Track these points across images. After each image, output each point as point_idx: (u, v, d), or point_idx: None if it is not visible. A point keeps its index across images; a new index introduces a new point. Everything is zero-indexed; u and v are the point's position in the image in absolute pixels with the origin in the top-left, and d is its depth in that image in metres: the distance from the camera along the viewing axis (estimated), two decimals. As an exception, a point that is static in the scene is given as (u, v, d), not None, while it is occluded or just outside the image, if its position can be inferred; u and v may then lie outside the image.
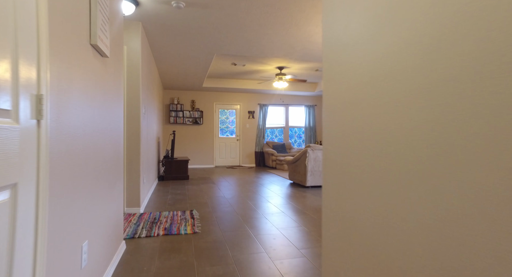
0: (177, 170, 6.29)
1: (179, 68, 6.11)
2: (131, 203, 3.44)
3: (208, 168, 8.73)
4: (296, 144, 10.06)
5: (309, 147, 5.28)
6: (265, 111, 9.47)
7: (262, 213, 3.61)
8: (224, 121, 9.36)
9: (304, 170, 5.30)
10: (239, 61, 6.36)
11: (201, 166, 9.07)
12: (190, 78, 7.16)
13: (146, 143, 4.19)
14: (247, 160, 9.46)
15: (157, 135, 6.33)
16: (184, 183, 5.87)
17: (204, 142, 9.09)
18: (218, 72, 7.47)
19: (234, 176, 7.06)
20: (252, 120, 9.52)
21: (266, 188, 5.34)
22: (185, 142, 8.96)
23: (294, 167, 5.67)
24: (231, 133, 9.40)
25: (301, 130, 10.09)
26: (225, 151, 9.31)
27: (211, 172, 7.75)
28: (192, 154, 8.99)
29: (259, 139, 9.44)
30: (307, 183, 5.29)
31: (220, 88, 8.61)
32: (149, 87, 4.63)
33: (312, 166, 5.27)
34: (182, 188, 5.34)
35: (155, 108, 5.77)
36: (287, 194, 4.82)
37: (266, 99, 9.60)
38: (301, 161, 5.41)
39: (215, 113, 9.20)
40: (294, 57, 5.22)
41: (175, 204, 4.01)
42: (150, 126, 4.75)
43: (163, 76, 6.84)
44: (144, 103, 3.97)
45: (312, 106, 9.85)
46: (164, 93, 8.81)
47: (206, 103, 9.14)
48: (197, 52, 4.95)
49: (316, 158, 5.29)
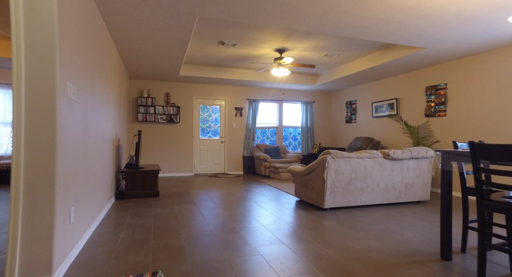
0: (143, 183, 4.62)
1: (147, 45, 4.45)
2: (31, 266, 1.80)
3: (186, 177, 7.06)
4: (291, 146, 8.60)
5: (328, 154, 3.80)
6: (255, 108, 7.95)
7: (279, 268, 2.07)
8: (206, 119, 7.73)
9: (321, 185, 3.82)
10: (229, 37, 4.79)
11: (177, 174, 7.39)
12: (163, 63, 5.49)
13: (82, 148, 2.53)
14: (233, 167, 7.88)
15: (116, 137, 4.63)
16: (152, 203, 4.21)
17: (181, 145, 7.42)
18: (200, 56, 5.86)
19: (220, 189, 5.47)
20: (239, 118, 7.96)
21: (268, 211, 3.81)
22: (157, 144, 7.24)
23: (305, 181, 4.17)
24: (214, 134, 7.79)
25: (296, 131, 8.65)
26: (207, 156, 7.68)
27: (189, 183, 6.11)
28: (165, 159, 7.29)
29: (248, 141, 7.90)
30: (325, 204, 3.81)
31: (201, 79, 6.99)
32: (96, 65, 2.97)
33: (332, 180, 3.80)
34: (148, 213, 3.70)
35: (112, 100, 4.09)
36: (302, 223, 3.31)
37: (257, 94, 8.08)
38: (316, 173, 3.93)
39: (194, 110, 7.55)
40: (304, 25, 3.72)
41: (128, 255, 2.38)
42: (96, 123, 3.09)
43: (127, 59, 5.14)
44: (77, 82, 2.32)
45: (309, 103, 8.44)
46: (131, 84, 7.06)
47: (184, 97, 7.48)
48: (172, 12, 3.34)
49: (339, 169, 3.82)
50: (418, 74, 5.79)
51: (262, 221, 3.38)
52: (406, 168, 4.18)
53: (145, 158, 7.15)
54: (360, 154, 3.93)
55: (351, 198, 3.94)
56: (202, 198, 4.63)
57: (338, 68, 6.63)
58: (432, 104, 5.49)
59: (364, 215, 3.65)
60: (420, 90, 5.75)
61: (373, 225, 3.24)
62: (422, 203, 4.40)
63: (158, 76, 6.73)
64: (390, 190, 4.13)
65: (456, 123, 5.05)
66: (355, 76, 6.49)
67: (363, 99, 7.37)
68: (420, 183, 4.29)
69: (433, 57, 4.88)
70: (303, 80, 7.48)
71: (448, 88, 5.20)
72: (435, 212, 3.85)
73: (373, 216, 3.61)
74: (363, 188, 3.98)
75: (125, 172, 4.52)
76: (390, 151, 4.07)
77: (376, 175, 4.03)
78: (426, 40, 4.04)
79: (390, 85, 6.50)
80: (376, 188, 4.05)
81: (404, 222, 3.36)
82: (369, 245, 2.61)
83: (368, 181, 4.00)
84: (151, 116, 7.06)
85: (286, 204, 4.27)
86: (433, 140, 5.45)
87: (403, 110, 6.17)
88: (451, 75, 5.14)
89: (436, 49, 4.44)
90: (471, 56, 4.80)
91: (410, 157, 4.14)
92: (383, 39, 4.02)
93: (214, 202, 4.35)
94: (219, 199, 4.56)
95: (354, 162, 3.90)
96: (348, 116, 7.93)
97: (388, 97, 6.54)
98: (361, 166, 3.94)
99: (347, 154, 3.86)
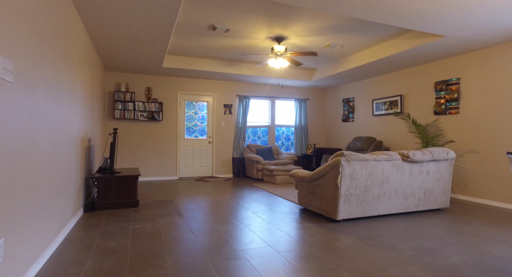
0: (119, 191, 3.88)
1: (123, 26, 3.72)
2: None
3: (170, 182, 6.32)
4: (284, 147, 8.02)
5: (342, 156, 3.22)
6: (246, 105, 7.30)
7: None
8: (192, 117, 7.02)
9: (334, 193, 3.23)
10: (221, 20, 4.13)
11: (159, 178, 6.63)
12: (144, 51, 4.76)
13: (24, 151, 1.82)
14: (222, 169, 7.20)
15: (86, 136, 3.87)
16: (130, 216, 3.49)
17: (164, 145, 6.67)
18: (187, 44, 5.16)
19: (209, 195, 4.79)
20: (229, 116, 7.29)
21: (271, 225, 3.18)
22: (137, 145, 6.46)
23: (312, 188, 3.57)
24: (201, 134, 7.09)
25: (289, 130, 8.07)
26: (193, 157, 6.97)
27: (174, 189, 5.39)
28: (146, 162, 6.52)
29: (238, 141, 7.25)
30: (338, 215, 3.22)
31: (187, 72, 6.27)
32: (53, 43, 2.25)
33: (347, 186, 3.23)
34: (124, 229, 2.98)
35: (80, 92, 3.34)
36: (317, 241, 2.71)
37: (248, 89, 7.44)
38: (327, 178, 3.33)
39: (179, 107, 6.82)
40: (312, 1, 3.13)
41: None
42: (53, 118, 2.36)
43: (100, 44, 4.37)
44: (14, 55, 1.61)
45: (303, 100, 7.89)
46: (107, 76, 6.24)
47: (168, 92, 6.73)
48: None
49: (354, 173, 3.25)
50: (426, 68, 5.34)
51: (267, 238, 2.74)
52: (426, 172, 3.67)
53: (123, 161, 6.35)
54: (376, 156, 3.38)
55: (367, 207, 3.38)
56: (190, 208, 3.94)
57: (338, 62, 6.10)
58: (442, 101, 5.05)
59: (385, 228, 3.09)
60: (428, 86, 5.30)
61: (402, 241, 2.68)
62: (441, 210, 3.91)
63: (138, 68, 5.96)
64: (409, 197, 3.61)
65: (470, 122, 4.62)
66: (355, 71, 5.98)
67: (362, 96, 6.89)
68: (440, 188, 3.80)
69: (449, 47, 4.42)
70: (298, 75, 6.91)
71: (462, 83, 4.77)
72: (462, 222, 3.35)
73: (395, 229, 3.06)
74: (380, 195, 3.43)
75: (97, 177, 3.76)
76: (409, 152, 3.55)
77: (394, 179, 3.50)
78: (450, 25, 3.55)
79: (393, 81, 6.04)
80: (393, 195, 3.51)
81: (435, 237, 2.83)
82: (413, 274, 2.04)
83: (386, 187, 3.45)
84: (130, 113, 6.27)
85: (290, 214, 3.66)
86: (444, 139, 5.01)
87: (408, 108, 5.72)
88: (464, 69, 4.71)
89: (457, 38, 3.96)
90: (490, 48, 4.37)
91: (431, 159, 3.63)
92: (403, 23, 3.49)
93: (204, 213, 3.68)
94: (209, 209, 3.89)
95: (371, 165, 3.34)
96: (345, 114, 7.43)
97: (391, 94, 6.08)
98: (378, 169, 3.39)
99: (363, 156, 3.30)
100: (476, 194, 4.51)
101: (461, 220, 3.43)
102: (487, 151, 4.38)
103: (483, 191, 4.41)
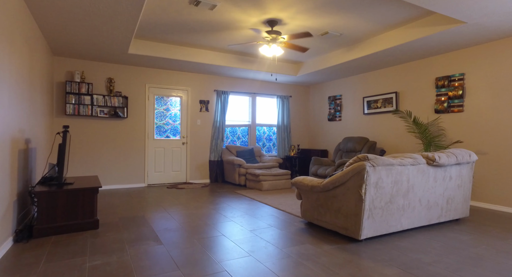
0: (70, 209, 2.90)
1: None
2: None
3: (137, 190, 5.33)
4: (265, 148, 7.34)
5: (366, 160, 2.59)
6: (224, 101, 6.51)
7: None
8: (163, 114, 6.07)
9: (356, 206, 2.59)
10: (207, -8, 3.33)
11: (124, 186, 5.60)
12: (106, 30, 3.78)
13: None
14: (197, 174, 6.33)
15: (21, 136, 2.86)
16: (86, 245, 2.55)
17: (129, 147, 5.65)
18: (160, 24, 4.25)
19: (188, 207, 3.94)
20: (205, 114, 6.45)
21: (278, 248, 2.46)
22: (96, 147, 5.38)
23: (326, 199, 2.91)
24: (173, 134, 6.16)
25: (271, 130, 7.40)
26: (165, 161, 6.02)
27: (143, 199, 4.44)
28: (108, 167, 5.46)
29: (216, 142, 6.43)
30: (361, 234, 2.59)
31: (158, 61, 5.33)
32: None
33: (372, 198, 2.60)
34: (75, 270, 2.07)
35: (9, 75, 2.36)
36: (348, 273, 2.03)
37: (226, 84, 6.64)
38: (346, 187, 2.68)
39: (148, 102, 5.84)
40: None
41: None
42: None
43: (46, 22, 3.34)
44: None
45: (286, 97, 7.27)
46: (56, 63, 5.10)
47: (134, 85, 5.72)
48: None
49: (379, 182, 2.64)
50: (425, 63, 4.96)
51: (285, 274, 2.01)
52: (449, 177, 3.19)
53: (77, 168, 5.23)
54: (401, 160, 2.81)
55: (391, 222, 2.79)
56: (168, 227, 3.08)
57: (328, 56, 5.55)
58: (444, 98, 4.68)
59: (419, 249, 2.51)
60: (427, 82, 4.92)
61: (455, 270, 2.10)
62: (461, 220, 3.46)
63: (97, 54, 4.91)
64: (432, 207, 3.09)
65: (476, 120, 4.27)
66: (346, 66, 5.47)
67: (351, 93, 6.42)
68: (461, 195, 3.34)
69: (460, 37, 4.02)
70: (284, 69, 6.27)
71: (466, 79, 4.42)
72: (498, 237, 2.89)
73: (432, 250, 2.50)
74: (404, 207, 2.87)
75: (37, 192, 2.76)
76: (434, 154, 3.03)
77: (419, 187, 2.95)
78: (477, 7, 3.09)
79: (387, 76, 5.62)
80: (417, 206, 2.97)
81: (488, 261, 2.29)
82: None
83: (411, 196, 2.89)
84: (86, 109, 5.18)
85: (296, 232, 2.96)
86: (446, 139, 4.64)
87: (404, 106, 5.32)
88: (470, 63, 4.36)
89: (476, 25, 3.54)
90: (498, 41, 4.05)
91: (455, 162, 3.15)
92: (425, 3, 2.96)
93: (188, 234, 2.85)
94: (193, 227, 3.06)
95: (396, 171, 2.76)
96: (331, 113, 6.93)
97: (385, 91, 5.65)
98: (403, 176, 2.81)
99: (388, 160, 2.70)
100: (484, 199, 4.16)
101: (494, 234, 2.97)
102: (495, 152, 4.05)
103: (494, 196, 4.07)
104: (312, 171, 5.71)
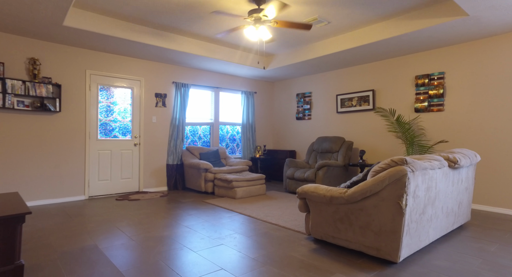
0: (-23, 251, 1.82)
1: None
2: None
3: (74, 205, 4.14)
4: (229, 149, 6.60)
5: (405, 164, 2.11)
6: (184, 95, 5.59)
7: None
8: (110, 109, 4.91)
9: (393, 221, 2.09)
10: None
11: (56, 200, 4.32)
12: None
13: None
14: (152, 181, 5.30)
15: None
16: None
17: (63, 150, 4.39)
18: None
19: (151, 226, 3.03)
20: (162, 110, 5.45)
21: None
22: (15, 151, 4.02)
23: (347, 212, 2.35)
24: (123, 133, 5.03)
25: (235, 129, 6.70)
26: (112, 166, 4.87)
27: (86, 219, 3.35)
28: (33, 178, 4.14)
29: (175, 143, 5.48)
30: (400, 255, 2.11)
31: (104, 40, 4.21)
32: None
33: (410, 210, 2.14)
34: None
35: None
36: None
37: (187, 75, 5.73)
38: (380, 198, 2.17)
39: (89, 93, 4.64)
40: None
41: None
42: None
43: None
44: None
45: (251, 93, 6.65)
46: (-49, 33, 3.63)
47: (70, 69, 4.47)
48: None
49: (416, 190, 2.19)
50: (404, 60, 4.82)
51: None
52: (461, 180, 2.94)
53: (-15, 176, 3.82)
54: (430, 163, 2.41)
55: (422, 236, 2.38)
56: (136, 261, 2.19)
57: (304, 48, 5.09)
58: (423, 97, 4.59)
59: (461, 269, 2.13)
60: (406, 81, 4.80)
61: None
62: (465, 225, 3.26)
63: (14, 23, 3.63)
64: (449, 214, 2.79)
65: (457, 119, 4.23)
66: (321, 61, 5.08)
67: (322, 91, 6.09)
68: (467, 198, 3.13)
69: (447, 34, 3.89)
70: (251, 61, 5.64)
71: (446, 78, 4.36)
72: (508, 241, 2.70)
73: (475, 268, 2.14)
74: (432, 217, 2.49)
75: None
76: (456, 155, 2.72)
77: (443, 193, 2.61)
78: None
79: (363, 74, 5.39)
80: (440, 213, 2.62)
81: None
82: None
83: (437, 203, 2.53)
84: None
85: (311, 254, 2.36)
86: (426, 139, 4.55)
87: (380, 104, 5.14)
88: (450, 61, 4.31)
89: (477, 18, 3.39)
90: (479, 40, 4.04)
91: (469, 163, 2.90)
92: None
93: (172, 273, 2.02)
94: (174, 259, 2.23)
95: (429, 177, 2.36)
96: (300, 111, 6.53)
97: (361, 89, 5.43)
98: (433, 181, 2.43)
99: (423, 164, 2.27)
100: (468, 199, 4.13)
101: (506, 238, 2.79)
102: (478, 152, 4.04)
103: (478, 195, 4.04)
104: (287, 175, 5.18)
